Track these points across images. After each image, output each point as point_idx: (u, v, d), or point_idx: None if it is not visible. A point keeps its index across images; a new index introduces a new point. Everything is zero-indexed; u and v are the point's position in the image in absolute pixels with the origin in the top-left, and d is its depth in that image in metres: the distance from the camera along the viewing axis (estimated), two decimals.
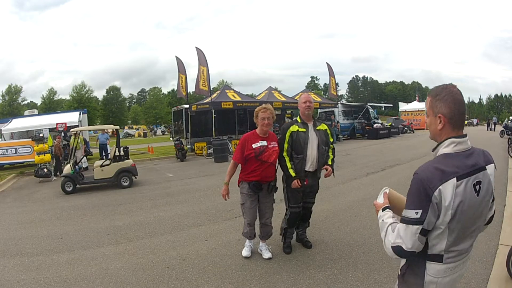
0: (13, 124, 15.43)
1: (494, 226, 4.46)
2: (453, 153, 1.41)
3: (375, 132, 22.76)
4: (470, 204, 1.37)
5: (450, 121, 1.42)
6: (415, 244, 1.39)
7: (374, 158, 11.85)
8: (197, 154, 16.05)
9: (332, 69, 23.13)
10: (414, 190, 1.39)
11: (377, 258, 3.66)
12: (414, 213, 1.37)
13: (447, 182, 1.33)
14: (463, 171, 1.37)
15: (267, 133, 3.66)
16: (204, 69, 16.42)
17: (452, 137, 1.43)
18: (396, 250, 1.43)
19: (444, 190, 1.33)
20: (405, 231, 1.39)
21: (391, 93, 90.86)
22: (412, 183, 1.41)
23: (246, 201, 3.66)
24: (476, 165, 1.42)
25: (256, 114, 3.63)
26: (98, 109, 59.08)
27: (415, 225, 1.37)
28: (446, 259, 1.45)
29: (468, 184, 1.37)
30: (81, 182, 8.70)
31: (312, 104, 3.70)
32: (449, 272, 1.48)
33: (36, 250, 4.51)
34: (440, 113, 1.43)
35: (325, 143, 3.71)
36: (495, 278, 3.12)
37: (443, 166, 1.37)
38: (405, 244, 1.39)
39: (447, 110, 1.41)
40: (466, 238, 1.47)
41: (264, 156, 3.55)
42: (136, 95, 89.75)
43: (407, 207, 1.42)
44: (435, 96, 1.45)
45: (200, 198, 7.07)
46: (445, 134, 1.45)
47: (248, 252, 3.84)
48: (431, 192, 1.33)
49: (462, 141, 1.43)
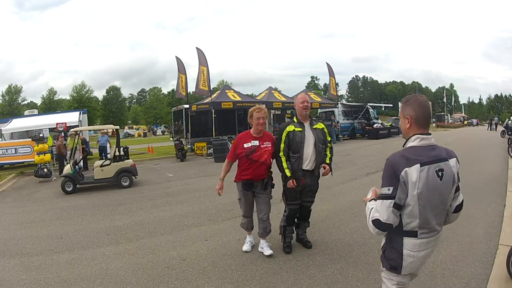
0: (13, 124, 15.43)
1: (494, 226, 4.47)
2: (418, 146, 1.77)
3: (375, 132, 22.75)
4: (434, 187, 1.72)
5: (415, 121, 1.79)
6: (390, 216, 1.73)
7: (374, 158, 11.84)
8: (197, 154, 16.05)
9: (332, 69, 23.12)
10: (386, 172, 1.77)
11: (377, 258, 3.64)
12: (387, 189, 1.74)
13: (412, 166, 1.69)
14: (426, 159, 1.72)
15: (261, 132, 3.75)
16: (204, 69, 16.42)
17: (417, 134, 1.78)
18: (375, 223, 1.77)
19: (410, 172, 1.69)
20: (381, 206, 1.75)
21: (391, 93, 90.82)
22: (385, 167, 1.79)
23: (241, 197, 3.86)
24: (438, 156, 1.76)
25: (251, 114, 3.73)
26: (98, 109, 59.06)
27: (388, 199, 1.73)
28: (420, 234, 1.78)
29: (431, 170, 1.71)
30: (81, 182, 8.70)
31: (309, 104, 3.77)
32: (424, 247, 1.80)
33: (36, 250, 4.51)
34: (408, 115, 1.80)
35: (322, 141, 3.75)
36: (495, 278, 3.12)
37: (408, 155, 1.74)
38: (382, 217, 1.74)
39: (413, 113, 1.79)
40: (435, 217, 1.79)
41: (254, 156, 3.66)
42: (136, 95, 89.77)
43: (382, 186, 1.78)
44: (405, 102, 1.84)
45: (200, 198, 7.07)
46: (412, 131, 1.81)
47: (248, 247, 3.95)
48: (399, 172, 1.70)
49: (426, 138, 1.78)
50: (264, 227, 3.86)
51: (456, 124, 44.67)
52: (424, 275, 3.23)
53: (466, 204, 5.75)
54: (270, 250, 3.84)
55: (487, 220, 4.76)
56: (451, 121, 48.37)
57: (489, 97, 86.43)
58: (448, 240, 4.06)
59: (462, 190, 1.92)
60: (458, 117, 51.22)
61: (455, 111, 65.16)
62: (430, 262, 3.50)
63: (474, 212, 5.11)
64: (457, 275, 3.21)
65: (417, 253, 1.79)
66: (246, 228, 4.00)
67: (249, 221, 3.93)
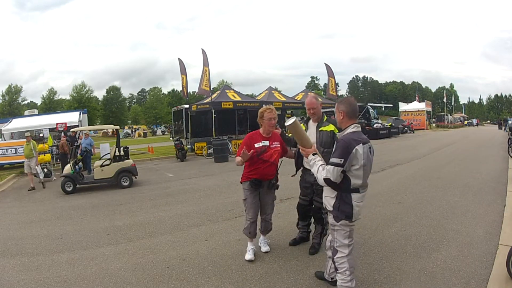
0: (13, 124, 15.44)
1: (494, 226, 4.47)
2: (356, 131, 2.64)
3: (375, 132, 22.76)
4: (369, 158, 2.62)
5: (347, 114, 2.66)
6: (338, 178, 2.54)
7: (374, 158, 11.81)
8: (197, 154, 16.05)
9: (332, 70, 23.13)
10: (340, 148, 2.55)
11: (377, 258, 3.66)
12: (339, 160, 2.51)
13: (359, 145, 2.53)
14: (364, 140, 2.59)
15: (270, 133, 3.76)
16: (207, 70, 16.48)
17: (353, 124, 2.65)
18: (327, 181, 2.57)
19: (359, 149, 2.52)
20: (333, 171, 2.52)
21: (391, 93, 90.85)
22: (339, 144, 2.58)
23: (248, 197, 3.76)
24: (366, 139, 2.65)
25: (262, 114, 3.72)
26: (98, 109, 59.04)
27: (339, 167, 2.51)
28: (361, 190, 2.65)
29: (365, 147, 2.58)
30: (81, 182, 8.70)
31: (316, 110, 3.74)
32: (363, 199, 2.69)
33: (36, 250, 4.51)
34: (342, 110, 2.67)
35: (326, 144, 3.58)
36: (495, 278, 3.12)
37: (355, 137, 2.58)
38: (332, 178, 2.53)
39: (345, 109, 2.66)
40: (367, 178, 2.68)
41: (265, 156, 3.65)
42: (136, 95, 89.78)
43: (335, 156, 2.54)
44: (340, 102, 2.75)
45: (200, 198, 7.07)
46: (345, 122, 2.68)
47: (251, 255, 3.77)
48: (351, 149, 2.51)
49: (358, 126, 2.67)
50: (266, 226, 3.91)
51: (456, 124, 44.64)
52: (424, 275, 3.23)
53: (466, 204, 5.73)
54: (267, 247, 3.93)
55: (487, 220, 4.75)
56: (451, 121, 48.36)
57: (489, 97, 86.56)
58: (448, 240, 4.07)
59: (462, 190, 1.95)
60: (458, 117, 51.21)
61: (455, 111, 65.12)
62: (430, 262, 3.50)
63: (474, 212, 5.11)
64: (457, 275, 3.21)
65: (360, 203, 2.66)
66: (249, 234, 3.79)
67: (253, 226, 3.75)
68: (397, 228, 4.58)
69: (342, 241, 2.68)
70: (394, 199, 6.10)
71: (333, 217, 2.67)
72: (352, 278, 2.70)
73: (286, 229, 4.68)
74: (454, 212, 5.16)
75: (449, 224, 4.65)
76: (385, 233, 4.42)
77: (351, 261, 2.73)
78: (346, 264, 2.67)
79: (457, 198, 5.93)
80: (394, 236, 4.30)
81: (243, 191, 3.81)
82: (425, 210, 5.33)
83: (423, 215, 5.08)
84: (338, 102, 2.74)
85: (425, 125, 36.29)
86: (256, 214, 3.77)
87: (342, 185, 2.59)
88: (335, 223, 2.66)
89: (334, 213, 2.65)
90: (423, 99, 50.93)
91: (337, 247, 2.73)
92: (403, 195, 6.36)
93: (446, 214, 5.10)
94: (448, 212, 5.17)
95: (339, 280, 2.73)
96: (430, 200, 5.93)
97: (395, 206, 5.70)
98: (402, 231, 4.46)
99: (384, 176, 8.56)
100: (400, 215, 5.14)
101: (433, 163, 10.59)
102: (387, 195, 6.46)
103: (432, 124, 42.13)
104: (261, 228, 3.94)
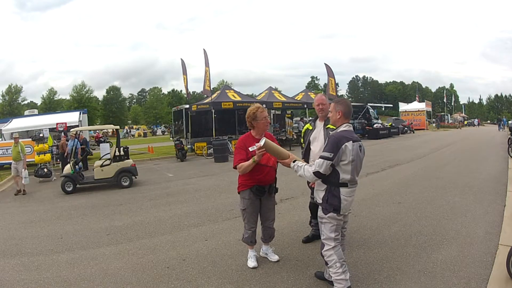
0: (13, 124, 15.44)
1: (494, 226, 4.47)
2: (348, 130, 2.80)
3: (375, 132, 22.78)
4: (358, 155, 2.76)
5: (343, 114, 2.83)
6: (327, 171, 2.69)
7: (374, 158, 11.83)
8: (197, 154, 16.05)
9: (332, 70, 23.10)
10: (331, 143, 2.71)
11: (377, 258, 3.66)
12: (329, 154, 2.67)
13: (349, 142, 2.69)
14: (354, 138, 2.75)
15: (263, 133, 3.45)
16: (207, 70, 16.51)
17: (346, 123, 2.83)
18: (316, 174, 2.72)
19: (348, 145, 2.68)
20: (322, 164, 2.68)
21: (391, 93, 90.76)
22: (330, 140, 2.75)
23: (248, 207, 3.46)
24: (357, 138, 2.81)
25: (254, 115, 3.39)
26: (98, 109, 58.93)
27: (329, 161, 2.67)
28: (350, 185, 2.78)
29: (355, 145, 2.73)
30: (81, 182, 8.70)
31: (325, 106, 3.82)
32: (351, 194, 2.81)
33: (36, 250, 4.51)
34: (339, 110, 2.83)
35: None
36: (495, 278, 3.12)
37: (345, 135, 2.74)
38: (321, 170, 2.68)
39: (343, 109, 2.83)
40: (357, 174, 2.81)
41: (262, 160, 3.28)
42: (136, 95, 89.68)
43: (326, 151, 2.71)
44: (337, 102, 2.90)
45: (200, 198, 7.07)
46: (340, 121, 2.84)
47: (254, 262, 3.60)
48: (341, 145, 2.67)
49: (349, 125, 2.84)
50: (269, 233, 3.68)
51: (456, 123, 44.62)
52: (424, 275, 3.23)
53: (466, 204, 5.74)
54: (276, 256, 3.72)
55: (487, 220, 4.75)
56: (451, 121, 48.33)
57: (489, 97, 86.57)
58: (448, 240, 4.07)
59: (462, 190, 1.96)
60: (458, 117, 51.21)
61: (456, 111, 65.11)
62: (430, 262, 3.50)
63: (474, 212, 5.11)
64: (457, 275, 3.21)
65: (349, 198, 2.78)
66: (249, 243, 3.61)
67: (253, 234, 3.57)
68: (397, 228, 4.57)
69: (328, 234, 2.78)
70: (394, 199, 6.10)
71: (322, 209, 2.81)
72: (344, 270, 2.74)
73: (286, 229, 4.67)
74: (454, 212, 5.16)
75: (449, 224, 4.64)
76: (385, 233, 4.42)
77: (339, 252, 2.79)
78: (334, 256, 2.75)
79: (457, 198, 5.93)
80: (394, 236, 4.30)
81: (242, 201, 3.50)
82: (425, 210, 5.33)
83: (423, 215, 5.07)
84: (336, 102, 2.89)
85: (425, 125, 36.30)
86: (256, 222, 3.59)
87: (331, 178, 2.74)
88: (323, 215, 2.79)
89: (323, 206, 2.79)
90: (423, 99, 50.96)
91: (323, 240, 2.83)
92: (403, 195, 6.36)
93: (446, 214, 5.10)
94: (448, 212, 5.17)
95: (332, 275, 2.78)
96: (430, 200, 5.93)
97: (395, 206, 5.70)
98: (402, 231, 4.46)
99: (384, 176, 8.56)
100: (400, 215, 5.14)
101: (433, 163, 10.59)
102: (387, 195, 6.46)
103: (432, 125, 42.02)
104: (264, 237, 3.71)
